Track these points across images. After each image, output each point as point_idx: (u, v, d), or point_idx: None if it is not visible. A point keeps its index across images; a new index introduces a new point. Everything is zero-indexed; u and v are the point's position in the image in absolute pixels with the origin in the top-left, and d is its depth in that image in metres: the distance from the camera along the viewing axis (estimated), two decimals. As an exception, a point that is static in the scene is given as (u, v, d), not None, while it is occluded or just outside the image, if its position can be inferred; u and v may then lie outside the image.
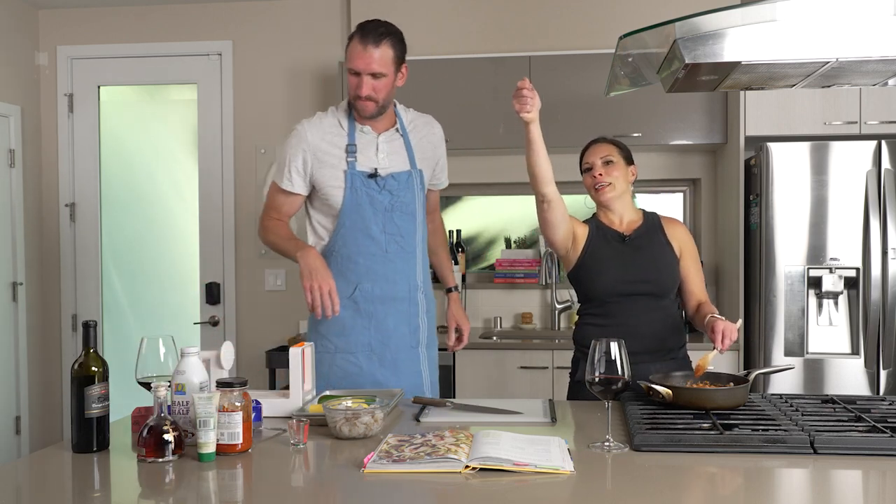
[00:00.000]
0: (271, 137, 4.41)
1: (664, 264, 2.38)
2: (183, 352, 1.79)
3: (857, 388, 3.32)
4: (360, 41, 2.31)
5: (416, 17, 4.16)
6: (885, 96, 3.46)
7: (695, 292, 2.41)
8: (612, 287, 2.35)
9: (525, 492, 1.47)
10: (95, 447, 1.74)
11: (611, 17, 4.04)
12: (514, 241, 4.42)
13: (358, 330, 2.41)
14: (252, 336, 4.41)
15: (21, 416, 4.34)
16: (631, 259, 2.37)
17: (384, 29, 2.34)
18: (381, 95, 2.35)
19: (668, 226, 2.45)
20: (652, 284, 2.35)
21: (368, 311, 2.41)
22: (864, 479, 1.59)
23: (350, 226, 2.39)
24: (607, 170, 2.39)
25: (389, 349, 2.44)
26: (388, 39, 2.33)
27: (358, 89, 2.33)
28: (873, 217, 3.30)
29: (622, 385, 1.73)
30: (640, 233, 2.41)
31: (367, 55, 2.30)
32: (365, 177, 2.38)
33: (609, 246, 2.39)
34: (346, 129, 2.41)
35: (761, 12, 1.72)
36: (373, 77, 2.32)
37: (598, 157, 2.40)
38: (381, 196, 2.39)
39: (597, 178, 2.39)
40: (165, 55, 4.47)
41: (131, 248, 4.64)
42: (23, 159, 4.36)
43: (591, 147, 2.46)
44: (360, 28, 2.35)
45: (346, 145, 2.40)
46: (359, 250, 2.40)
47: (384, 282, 2.42)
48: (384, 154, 2.42)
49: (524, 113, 2.12)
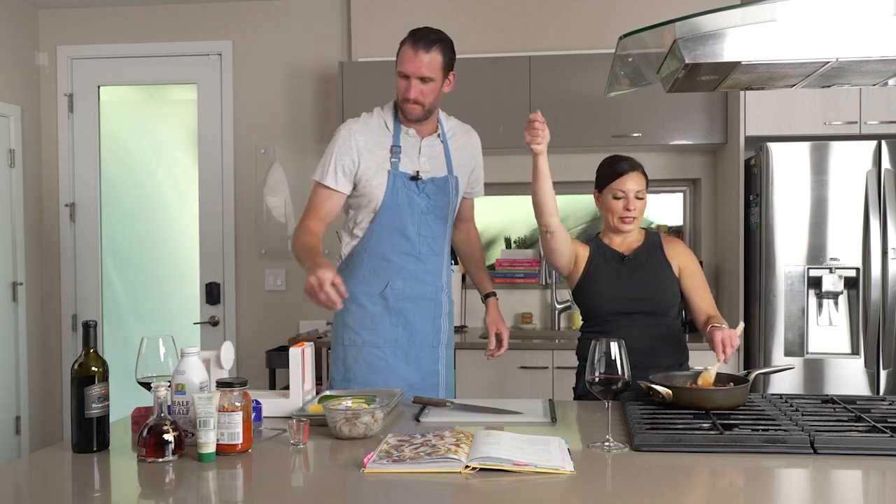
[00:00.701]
0: (271, 137, 4.41)
1: (661, 283, 2.40)
2: (183, 352, 1.79)
3: (857, 388, 3.32)
4: (412, 46, 2.36)
5: (417, 17, 4.15)
6: (885, 96, 3.46)
7: (702, 307, 2.41)
8: (609, 305, 2.38)
9: (525, 492, 1.47)
10: (95, 447, 1.74)
11: (611, 17, 4.04)
12: (514, 241, 4.42)
13: (387, 326, 2.46)
14: (252, 336, 4.41)
15: (21, 416, 4.34)
16: (628, 278, 2.40)
17: (435, 36, 2.39)
18: (428, 99, 2.40)
19: (668, 245, 2.47)
20: (649, 303, 2.37)
21: (398, 308, 2.46)
22: (864, 479, 1.59)
23: (387, 224, 2.42)
24: (638, 205, 2.40)
25: (414, 346, 2.49)
26: (439, 46, 2.38)
27: (406, 92, 2.37)
28: (873, 217, 3.30)
29: (622, 385, 1.73)
30: (640, 252, 2.44)
31: (418, 59, 2.35)
32: (407, 178, 2.42)
33: (608, 266, 2.43)
34: (391, 130, 2.46)
35: (761, 12, 1.72)
36: (421, 81, 2.36)
37: (633, 191, 2.38)
38: (420, 199, 2.44)
39: (630, 210, 2.39)
40: (165, 55, 4.47)
41: (131, 248, 4.64)
42: (23, 159, 4.36)
43: (627, 174, 2.39)
44: (412, 33, 2.40)
45: (391, 146, 2.44)
46: (393, 249, 2.44)
47: (414, 281, 2.47)
48: (426, 158, 2.47)
49: (535, 145, 2.18)
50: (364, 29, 4.23)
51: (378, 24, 4.20)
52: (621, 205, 2.39)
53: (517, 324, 4.19)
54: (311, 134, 4.40)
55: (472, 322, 4.22)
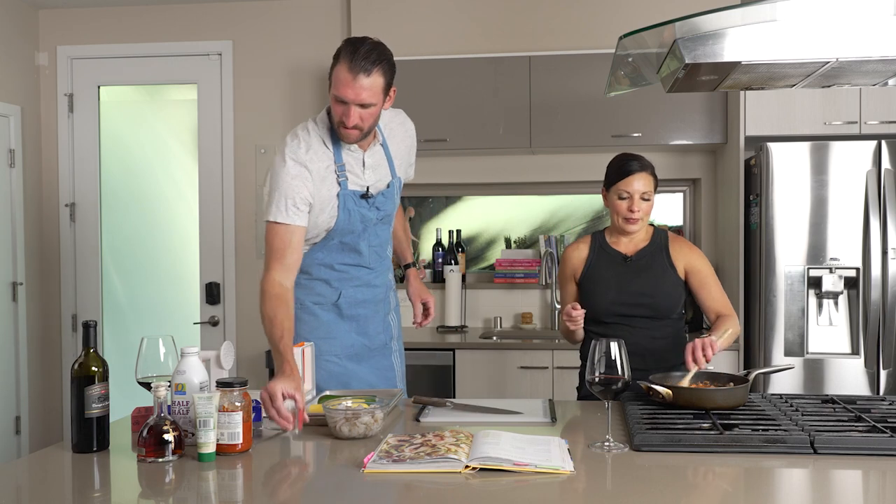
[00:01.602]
0: (271, 137, 4.41)
1: (664, 286, 2.38)
2: (183, 352, 1.79)
3: (857, 388, 3.32)
4: (350, 69, 2.08)
5: (416, 16, 4.16)
6: (885, 96, 3.46)
7: (711, 307, 2.40)
8: (609, 307, 2.38)
9: (525, 492, 1.47)
10: (95, 447, 1.74)
11: (611, 17, 4.04)
12: (514, 241, 4.42)
13: (343, 333, 2.39)
14: (252, 336, 4.40)
15: (21, 416, 4.34)
16: (629, 280, 2.39)
17: (375, 55, 2.09)
18: (367, 123, 2.17)
19: (675, 246, 2.45)
20: (649, 307, 2.36)
21: (351, 314, 2.40)
22: (864, 479, 1.59)
23: (338, 242, 2.33)
24: (644, 206, 2.38)
25: (369, 348, 2.44)
26: (380, 67, 2.10)
27: (344, 117, 2.13)
28: (873, 217, 3.30)
29: (622, 385, 1.73)
30: (644, 254, 2.43)
31: (357, 85, 2.08)
32: (357, 197, 2.28)
33: (610, 267, 2.43)
34: (331, 148, 2.25)
35: (761, 12, 1.72)
36: (361, 107, 2.12)
37: (638, 192, 2.36)
38: (370, 213, 2.32)
39: (634, 212, 2.37)
40: (165, 55, 4.47)
41: (131, 248, 4.64)
42: (23, 159, 4.36)
43: (635, 175, 2.36)
44: (349, 52, 2.10)
45: (336, 166, 2.25)
46: (343, 263, 2.36)
47: (366, 287, 2.41)
48: (370, 171, 2.31)
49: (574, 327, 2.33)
50: (364, 29, 4.22)
51: (378, 24, 4.20)
52: (626, 205, 2.37)
53: (517, 324, 4.19)
54: (311, 134, 4.39)
55: (472, 322, 4.23)
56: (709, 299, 2.41)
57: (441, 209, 4.46)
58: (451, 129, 3.94)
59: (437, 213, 4.46)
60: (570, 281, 2.51)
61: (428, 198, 4.44)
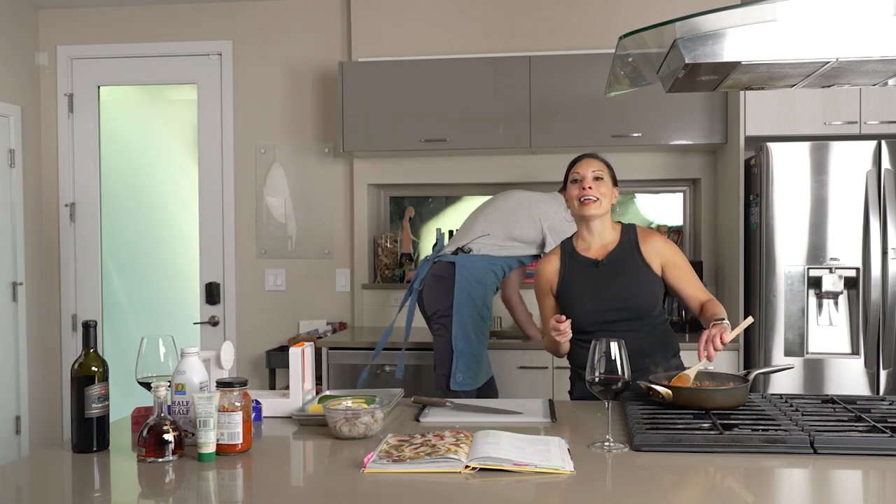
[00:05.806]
0: (271, 137, 4.41)
1: (641, 287, 2.35)
2: (183, 352, 1.79)
3: (857, 388, 3.32)
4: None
5: (416, 16, 4.16)
6: (885, 96, 3.46)
7: (694, 296, 2.37)
8: (588, 317, 2.33)
9: (525, 492, 1.47)
10: (95, 447, 1.74)
11: (611, 17, 4.04)
12: (514, 241, 4.41)
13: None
14: (252, 336, 4.41)
15: (21, 416, 4.34)
16: (605, 287, 2.35)
17: None
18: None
19: (645, 241, 2.40)
20: (629, 310, 2.33)
21: None
22: (864, 479, 1.59)
23: None
24: (596, 185, 2.35)
25: None
26: None
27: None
28: (873, 217, 3.30)
29: (622, 385, 1.73)
30: (615, 256, 2.38)
31: None
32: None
33: (582, 275, 2.38)
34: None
35: (761, 12, 1.72)
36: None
37: (589, 171, 2.36)
38: None
39: (585, 190, 2.34)
40: (165, 55, 4.47)
41: (131, 248, 4.64)
42: (23, 159, 4.36)
43: (582, 160, 2.42)
44: None
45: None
46: None
47: None
48: None
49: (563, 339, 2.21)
50: (364, 29, 4.23)
51: (378, 24, 4.20)
52: (578, 187, 2.36)
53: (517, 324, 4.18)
54: (311, 134, 4.40)
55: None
56: (689, 290, 2.37)
57: (441, 209, 4.46)
58: (451, 129, 3.94)
59: (437, 213, 4.46)
60: (546, 295, 2.47)
61: (428, 198, 4.44)
